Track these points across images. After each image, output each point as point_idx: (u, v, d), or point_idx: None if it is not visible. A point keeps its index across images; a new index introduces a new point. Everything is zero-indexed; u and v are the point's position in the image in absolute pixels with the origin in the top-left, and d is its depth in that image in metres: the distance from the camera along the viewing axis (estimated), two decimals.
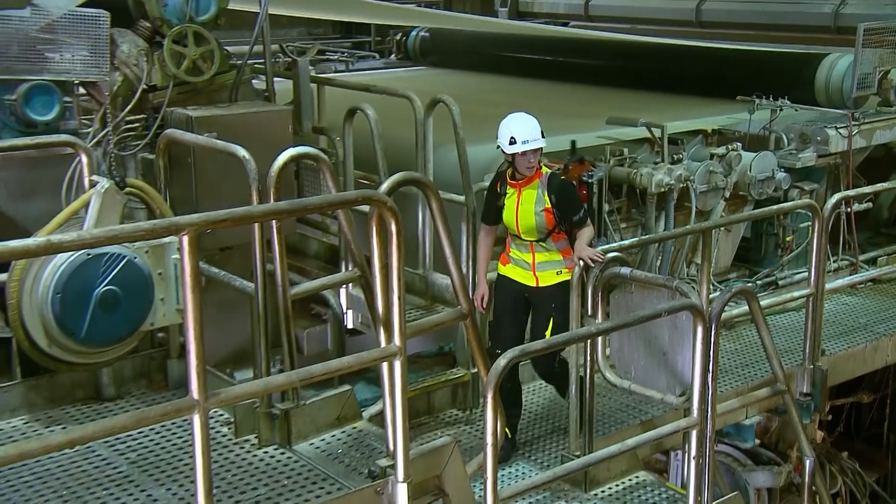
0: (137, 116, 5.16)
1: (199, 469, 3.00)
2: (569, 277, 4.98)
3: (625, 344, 5.06)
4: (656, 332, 4.94)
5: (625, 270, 4.90)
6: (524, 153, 4.88)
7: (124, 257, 3.99)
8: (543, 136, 4.96)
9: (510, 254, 5.15)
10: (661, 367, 4.93)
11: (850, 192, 6.87)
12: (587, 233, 5.05)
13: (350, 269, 4.77)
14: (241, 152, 4.16)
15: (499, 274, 5.21)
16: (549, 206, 4.97)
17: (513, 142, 4.89)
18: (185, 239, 2.92)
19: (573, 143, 6.53)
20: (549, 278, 5.08)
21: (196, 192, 5.00)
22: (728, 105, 8.06)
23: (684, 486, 4.60)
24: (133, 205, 4.55)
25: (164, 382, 4.61)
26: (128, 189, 4.26)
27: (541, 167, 5.01)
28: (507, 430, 4.95)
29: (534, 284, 5.10)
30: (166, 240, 4.08)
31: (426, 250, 5.94)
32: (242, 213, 3.12)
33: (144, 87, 5.12)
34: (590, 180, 6.17)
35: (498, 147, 5.00)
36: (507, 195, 5.04)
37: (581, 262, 4.86)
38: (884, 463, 9.36)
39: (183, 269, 2.94)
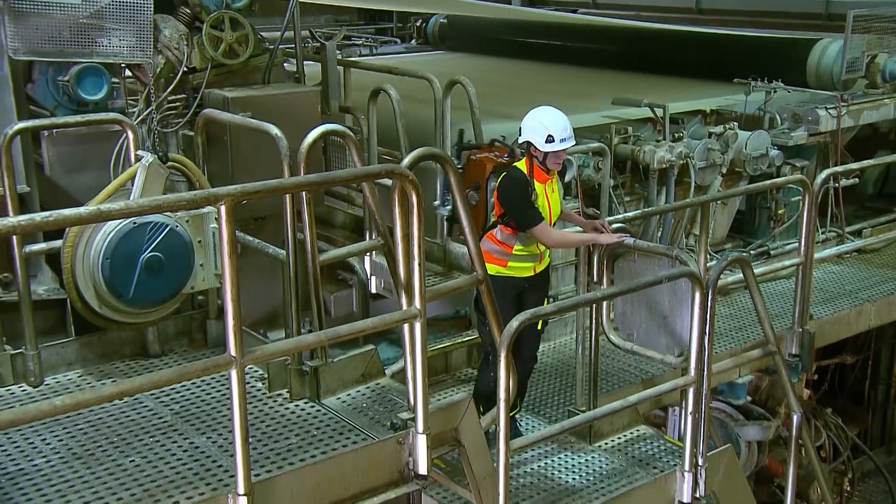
0: (178, 96, 5.15)
1: (237, 419, 3.02)
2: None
3: (627, 309, 5.03)
4: (657, 297, 4.91)
5: (628, 240, 4.86)
6: (557, 151, 4.48)
7: (167, 226, 3.99)
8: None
9: (513, 252, 4.62)
10: (661, 330, 4.91)
11: (839, 169, 6.80)
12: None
13: (374, 238, 4.77)
14: (274, 130, 4.14)
15: (495, 276, 4.47)
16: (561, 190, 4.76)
17: (550, 140, 4.44)
18: (223, 208, 2.92)
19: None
20: (545, 261, 4.77)
21: (232, 167, 5.00)
22: (725, 87, 7.98)
23: (681, 438, 4.60)
24: (175, 178, 4.55)
25: (204, 341, 4.63)
26: (170, 163, 4.24)
27: None
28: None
29: (531, 273, 4.70)
30: (205, 210, 4.08)
31: (444, 221, 5.92)
32: (275, 185, 3.12)
33: (185, 69, 5.10)
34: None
35: (524, 142, 4.53)
36: (538, 194, 4.55)
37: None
38: (864, 418, 9.35)
39: (220, 237, 2.95)
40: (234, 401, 3.02)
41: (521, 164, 4.60)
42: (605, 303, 4.88)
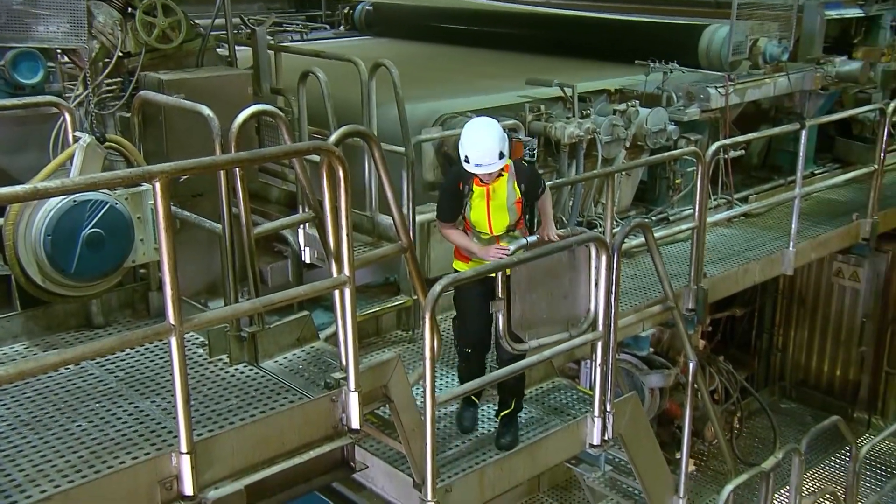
0: (114, 80, 4.95)
1: (177, 382, 2.97)
2: None
3: (525, 310, 4.45)
4: (556, 284, 4.60)
5: (523, 241, 4.39)
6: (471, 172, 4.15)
7: (107, 203, 3.87)
8: (502, 156, 4.11)
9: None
10: (562, 312, 4.67)
11: (727, 141, 6.95)
12: (549, 204, 4.45)
13: (306, 211, 4.71)
14: (206, 111, 4.04)
15: (457, 271, 4.30)
16: (519, 196, 4.28)
17: (466, 160, 4.12)
18: (158, 185, 2.85)
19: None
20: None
21: (167, 146, 4.86)
22: (628, 68, 8.04)
23: (592, 388, 4.68)
24: (114, 158, 4.40)
25: (147, 311, 4.51)
26: (107, 144, 4.10)
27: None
28: (473, 397, 4.60)
29: None
30: (144, 188, 3.98)
31: (372, 194, 5.87)
32: (208, 162, 3.05)
33: (119, 53, 4.91)
34: (533, 160, 4.87)
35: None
36: (475, 194, 4.23)
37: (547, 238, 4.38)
38: (752, 364, 9.71)
39: (157, 212, 2.87)
40: (175, 365, 2.97)
41: None
42: (500, 315, 4.23)
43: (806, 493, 6.86)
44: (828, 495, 7.09)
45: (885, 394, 9.09)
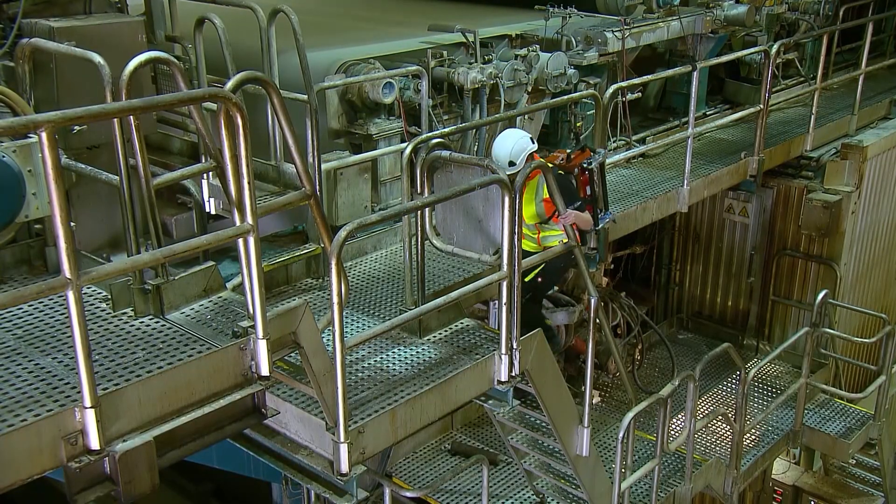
0: None
1: (77, 336, 2.86)
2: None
3: (447, 216, 5.08)
4: (473, 203, 4.97)
5: (445, 153, 4.87)
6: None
7: None
8: (513, 164, 5.15)
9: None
10: (477, 233, 5.00)
11: (624, 84, 7.05)
12: (571, 216, 5.17)
13: (207, 161, 4.56)
14: (97, 58, 3.83)
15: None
16: (547, 196, 5.11)
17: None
18: (44, 135, 2.69)
19: (578, 136, 6.38)
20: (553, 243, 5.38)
21: (58, 96, 4.60)
22: (528, 14, 8.06)
23: (499, 327, 4.74)
24: (1, 111, 4.14)
25: (45, 267, 4.31)
26: None
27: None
28: None
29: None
30: (32, 139, 3.77)
31: (276, 143, 5.74)
32: (97, 110, 2.88)
33: None
34: (589, 167, 5.59)
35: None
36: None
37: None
38: (651, 298, 10.03)
39: (44, 163, 2.72)
40: (73, 319, 2.85)
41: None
42: (427, 211, 4.90)
43: (700, 415, 7.18)
44: (720, 416, 7.44)
45: (772, 321, 9.54)
